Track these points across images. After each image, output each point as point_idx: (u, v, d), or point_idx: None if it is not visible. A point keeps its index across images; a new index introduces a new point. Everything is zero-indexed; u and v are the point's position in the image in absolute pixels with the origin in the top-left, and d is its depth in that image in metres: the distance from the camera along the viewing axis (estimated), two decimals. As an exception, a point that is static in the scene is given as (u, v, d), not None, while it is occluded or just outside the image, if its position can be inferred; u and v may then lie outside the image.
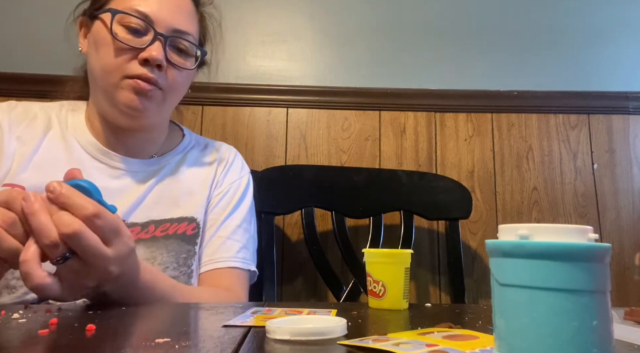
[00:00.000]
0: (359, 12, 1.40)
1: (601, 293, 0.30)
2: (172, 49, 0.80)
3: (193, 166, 0.91)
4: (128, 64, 0.76)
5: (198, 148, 0.95)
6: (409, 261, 0.66)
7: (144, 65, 0.76)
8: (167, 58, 0.78)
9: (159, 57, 0.76)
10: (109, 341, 0.40)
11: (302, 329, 0.42)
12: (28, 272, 0.51)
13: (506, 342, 0.31)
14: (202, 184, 0.89)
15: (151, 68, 0.77)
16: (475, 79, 1.38)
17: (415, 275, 1.28)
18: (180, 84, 0.83)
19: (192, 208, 0.85)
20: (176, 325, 0.49)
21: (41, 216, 0.51)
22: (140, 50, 0.76)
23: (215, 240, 0.86)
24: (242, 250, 0.87)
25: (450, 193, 1.23)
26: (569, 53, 1.41)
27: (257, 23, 1.39)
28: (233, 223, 0.88)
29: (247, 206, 0.93)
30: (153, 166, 0.86)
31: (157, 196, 0.84)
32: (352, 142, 1.34)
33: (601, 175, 1.35)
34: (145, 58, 0.76)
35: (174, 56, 0.80)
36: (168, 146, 0.91)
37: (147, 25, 0.77)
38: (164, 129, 0.91)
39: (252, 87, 1.35)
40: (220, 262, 0.83)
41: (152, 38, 0.77)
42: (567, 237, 0.31)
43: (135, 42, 0.77)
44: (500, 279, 0.32)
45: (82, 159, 0.81)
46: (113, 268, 0.55)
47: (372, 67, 1.38)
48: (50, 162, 0.79)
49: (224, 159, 0.94)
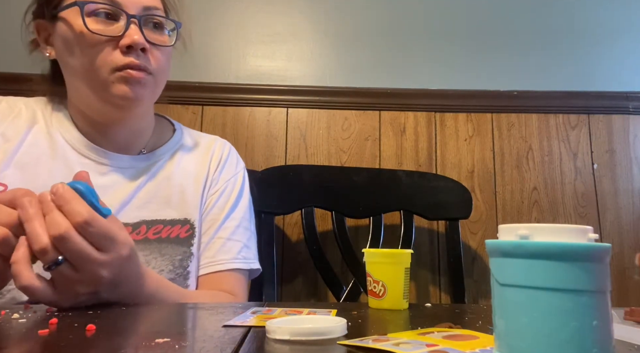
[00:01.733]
0: (359, 12, 1.40)
1: (601, 293, 0.30)
2: (148, 29, 0.77)
3: (185, 163, 0.88)
4: (112, 56, 0.73)
5: (190, 142, 0.92)
6: (409, 261, 0.66)
7: (128, 52, 0.73)
8: (147, 39, 0.75)
9: (141, 40, 0.73)
10: (109, 341, 0.40)
11: (302, 329, 0.42)
12: (17, 273, 0.52)
13: (506, 342, 0.31)
14: (195, 182, 0.86)
15: (136, 54, 0.74)
16: (475, 79, 1.38)
17: (415, 275, 1.28)
18: (165, 63, 0.80)
19: (185, 209, 0.83)
20: (176, 325, 0.49)
21: (35, 222, 0.52)
22: (118, 38, 0.73)
23: (215, 242, 0.84)
24: (244, 250, 0.86)
25: (450, 193, 1.23)
26: (569, 53, 1.41)
27: (257, 23, 1.39)
28: (232, 224, 0.86)
29: (246, 203, 0.91)
30: (143, 163, 0.84)
31: (148, 194, 0.81)
32: (352, 142, 1.34)
33: (601, 175, 1.35)
34: (127, 44, 0.72)
35: (152, 35, 0.77)
36: (158, 141, 0.88)
37: (117, 10, 0.73)
38: (151, 118, 0.88)
39: (252, 87, 1.35)
40: (221, 264, 0.82)
41: (125, 22, 0.73)
42: (567, 237, 0.31)
43: (110, 30, 0.73)
44: (500, 279, 0.32)
45: (67, 155, 0.79)
46: (104, 273, 0.55)
47: (372, 67, 1.38)
48: (34, 159, 0.77)
49: (217, 155, 0.91)
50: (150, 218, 0.80)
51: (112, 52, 0.73)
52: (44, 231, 0.52)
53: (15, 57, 1.24)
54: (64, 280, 0.54)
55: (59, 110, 0.83)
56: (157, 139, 0.88)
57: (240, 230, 0.87)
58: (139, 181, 0.82)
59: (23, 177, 0.74)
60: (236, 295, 0.82)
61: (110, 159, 0.81)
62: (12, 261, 0.52)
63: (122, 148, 0.83)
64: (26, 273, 0.52)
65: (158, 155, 0.86)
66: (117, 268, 0.56)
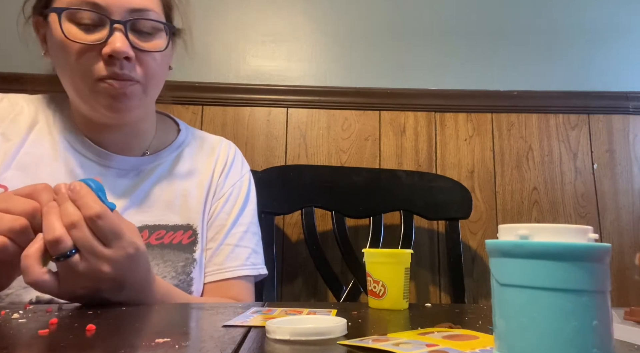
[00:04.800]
0: (359, 12, 1.40)
1: (601, 293, 0.30)
2: (135, 34, 0.71)
3: (189, 165, 0.86)
4: (95, 65, 0.69)
5: (195, 144, 0.89)
6: (409, 261, 0.66)
7: (111, 62, 0.69)
8: (133, 46, 0.70)
9: (123, 49, 0.68)
10: (109, 341, 0.40)
11: (302, 329, 0.42)
12: (27, 267, 0.52)
13: (506, 342, 0.31)
14: (198, 186, 0.85)
15: (120, 63, 0.69)
16: (475, 79, 1.38)
17: (415, 275, 1.28)
18: (157, 70, 0.75)
19: (188, 214, 0.81)
20: (176, 325, 0.49)
21: (51, 216, 0.54)
22: (101, 45, 0.68)
23: (224, 249, 0.83)
24: (252, 256, 0.84)
25: (450, 193, 1.23)
26: (569, 53, 1.41)
27: (257, 23, 1.39)
28: (240, 229, 0.85)
29: (252, 206, 0.90)
30: (146, 165, 0.82)
31: (151, 198, 0.80)
32: (352, 142, 1.34)
33: (601, 175, 1.35)
34: (108, 54, 0.68)
35: (140, 42, 0.72)
36: (162, 142, 0.86)
37: (100, 15, 0.68)
38: (152, 119, 0.85)
39: (252, 87, 1.35)
40: (230, 272, 0.81)
41: (109, 28, 0.68)
42: (567, 237, 0.31)
43: (92, 38, 0.69)
44: (500, 279, 0.32)
45: (68, 156, 0.77)
46: (106, 269, 0.55)
47: (372, 67, 1.38)
48: (35, 159, 0.75)
49: (222, 159, 0.89)
50: (153, 223, 0.78)
51: (94, 60, 0.69)
52: (60, 224, 0.53)
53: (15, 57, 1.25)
54: (69, 272, 0.54)
55: (61, 110, 0.81)
56: (161, 139, 0.86)
57: (248, 235, 0.86)
58: (143, 185, 0.80)
59: (24, 178, 0.73)
60: (243, 301, 0.81)
61: (112, 161, 0.79)
62: (24, 254, 0.53)
63: (124, 149, 0.81)
64: (36, 267, 0.53)
65: (162, 157, 0.84)
66: (121, 266, 0.56)
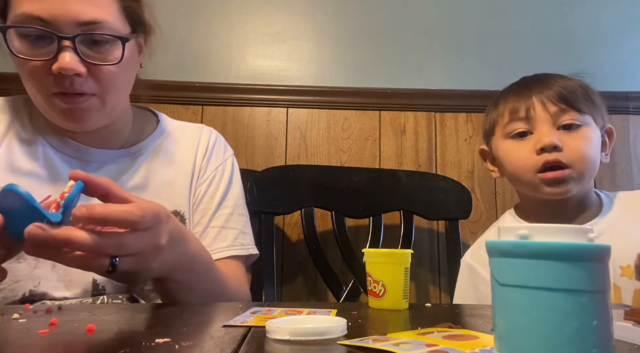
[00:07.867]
0: (359, 12, 1.40)
1: (601, 293, 0.30)
2: (87, 46, 0.68)
3: (171, 154, 0.86)
4: (46, 79, 0.68)
5: (175, 133, 0.89)
6: (409, 261, 0.66)
7: (61, 78, 0.67)
8: (85, 60, 0.68)
9: (70, 66, 0.66)
10: (109, 341, 0.40)
11: (302, 329, 0.42)
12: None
13: (506, 342, 0.31)
14: (183, 173, 0.85)
15: (70, 79, 0.67)
16: (475, 79, 1.38)
17: (415, 275, 1.28)
18: (114, 80, 0.72)
19: (174, 201, 0.82)
20: (176, 325, 0.49)
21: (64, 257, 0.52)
22: (52, 61, 0.66)
23: (210, 231, 0.83)
24: (240, 236, 0.85)
25: (450, 193, 1.23)
26: (569, 53, 1.41)
27: (257, 23, 1.39)
28: (225, 212, 0.85)
29: (237, 189, 0.90)
30: (126, 157, 0.82)
31: (136, 189, 0.79)
32: (352, 142, 1.34)
33: (601, 175, 1.35)
34: (57, 71, 0.66)
35: (94, 53, 0.69)
36: (141, 134, 0.86)
37: (47, 31, 0.66)
38: (126, 117, 0.84)
39: (252, 87, 1.35)
40: (217, 252, 0.81)
41: (57, 45, 0.66)
42: (567, 237, 0.31)
43: (43, 52, 0.67)
44: (500, 279, 0.32)
45: (48, 153, 0.77)
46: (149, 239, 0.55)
47: (372, 67, 1.38)
48: (15, 158, 0.75)
49: (204, 144, 0.89)
50: None
51: (47, 76, 0.68)
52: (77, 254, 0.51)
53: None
54: (131, 266, 0.54)
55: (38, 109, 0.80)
56: (138, 133, 0.86)
57: (234, 217, 0.86)
58: (125, 176, 0.80)
59: (6, 177, 0.72)
60: (237, 281, 0.81)
61: (91, 155, 0.79)
62: None
63: (104, 144, 0.81)
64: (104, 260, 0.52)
65: (141, 148, 0.84)
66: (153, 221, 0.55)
